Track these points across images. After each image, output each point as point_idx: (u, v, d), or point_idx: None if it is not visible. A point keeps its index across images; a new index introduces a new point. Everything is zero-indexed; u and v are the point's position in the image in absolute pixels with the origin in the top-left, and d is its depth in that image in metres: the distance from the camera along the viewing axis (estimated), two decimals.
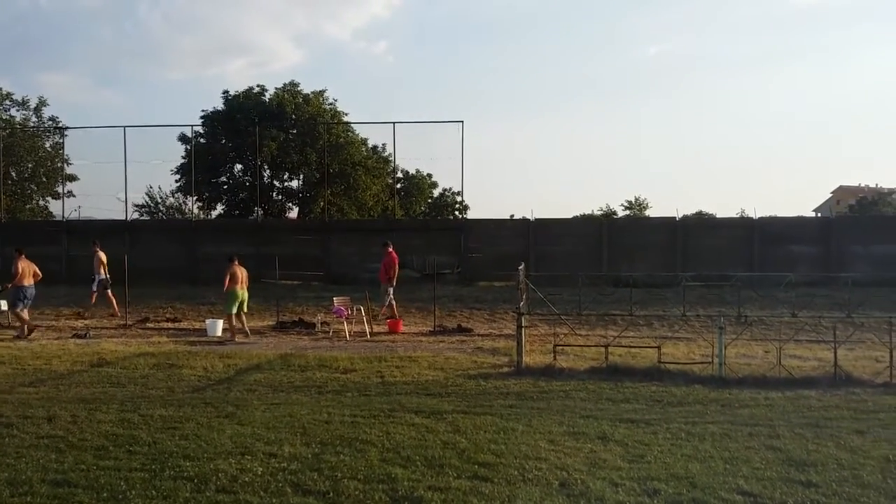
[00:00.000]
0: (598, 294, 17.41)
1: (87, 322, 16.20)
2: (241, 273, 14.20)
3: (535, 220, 25.65)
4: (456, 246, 25.33)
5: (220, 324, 14.21)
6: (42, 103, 38.85)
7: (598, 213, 46.71)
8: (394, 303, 16.14)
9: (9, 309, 14.23)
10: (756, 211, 25.30)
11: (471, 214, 35.88)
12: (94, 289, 17.29)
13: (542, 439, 6.46)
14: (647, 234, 25.57)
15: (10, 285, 14.00)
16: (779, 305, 14.24)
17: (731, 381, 9.18)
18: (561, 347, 10.98)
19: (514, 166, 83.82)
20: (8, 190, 34.34)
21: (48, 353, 11.53)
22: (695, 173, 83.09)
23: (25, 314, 14.08)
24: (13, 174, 36.36)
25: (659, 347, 10.46)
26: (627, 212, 51.03)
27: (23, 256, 14.24)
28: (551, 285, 16.46)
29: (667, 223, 25.45)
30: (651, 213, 49.26)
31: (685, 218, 26.90)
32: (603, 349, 10.57)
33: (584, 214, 43.58)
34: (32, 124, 38.43)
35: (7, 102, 38.74)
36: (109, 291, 17.36)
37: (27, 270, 14.13)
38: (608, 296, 17.42)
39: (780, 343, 10.20)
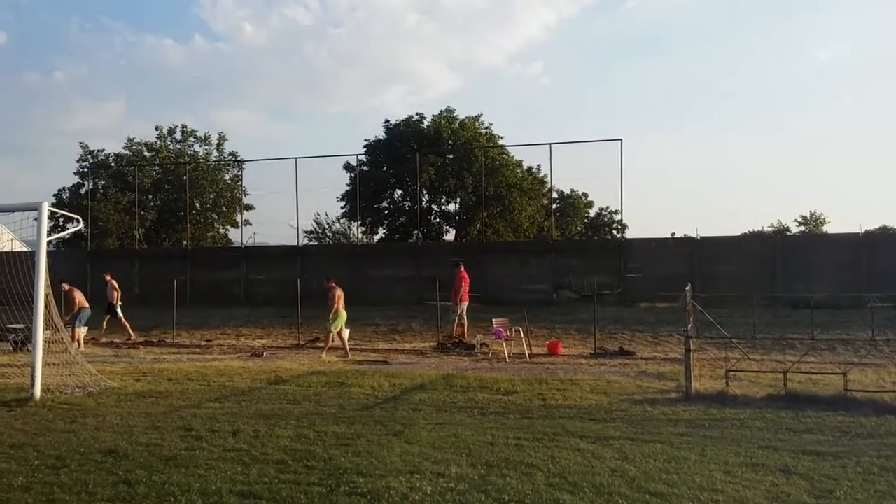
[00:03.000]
0: (773, 317, 16.34)
1: (134, 340, 17.47)
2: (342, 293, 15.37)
3: (701, 238, 24.61)
4: (615, 266, 24.76)
5: None
6: (222, 139, 42.47)
7: (769, 229, 43.95)
8: (464, 322, 17.15)
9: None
10: None
11: (629, 233, 34.89)
12: (119, 314, 17.75)
13: (717, 470, 6.14)
14: (826, 251, 23.72)
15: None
16: None
17: None
18: (733, 373, 10.40)
19: (674, 183, 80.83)
20: (193, 219, 37.59)
21: (231, 371, 12.41)
22: (877, 185, 76.24)
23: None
24: (197, 205, 39.82)
25: (844, 374, 9.64)
26: (802, 228, 47.65)
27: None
28: (719, 307, 15.68)
29: (848, 239, 23.54)
30: (829, 228, 45.65)
31: (869, 233, 24.79)
32: (780, 375, 9.91)
33: (754, 231, 41.16)
34: (214, 158, 41.97)
35: (191, 139, 42.68)
36: (107, 319, 17.86)
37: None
38: (784, 318, 16.34)
39: None
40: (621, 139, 25.21)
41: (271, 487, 5.68)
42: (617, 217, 44.54)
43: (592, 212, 47.88)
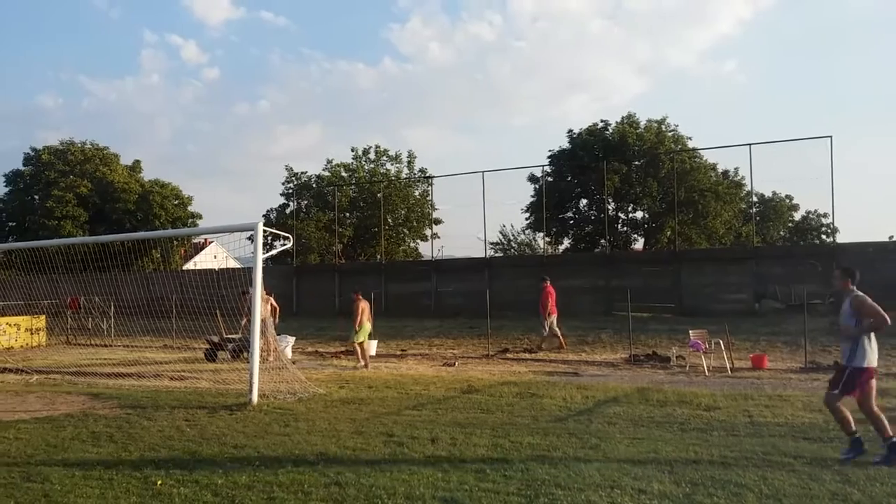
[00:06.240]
0: None
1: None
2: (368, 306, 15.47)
3: None
4: (826, 273, 22.74)
5: None
6: (412, 157, 44.31)
7: None
8: (556, 332, 17.33)
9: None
10: None
11: (841, 238, 32.01)
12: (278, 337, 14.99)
13: None
14: None
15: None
16: None
17: None
18: None
19: (889, 183, 73.07)
20: (386, 235, 39.40)
21: (426, 380, 12.81)
22: None
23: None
24: (390, 220, 41.73)
25: None
26: None
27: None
28: None
29: None
30: None
31: None
32: None
33: None
34: (405, 176, 43.83)
35: (384, 158, 44.89)
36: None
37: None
38: None
39: None
40: (831, 136, 23.24)
41: (472, 495, 5.76)
42: (826, 220, 41.23)
43: (797, 215, 44.51)
